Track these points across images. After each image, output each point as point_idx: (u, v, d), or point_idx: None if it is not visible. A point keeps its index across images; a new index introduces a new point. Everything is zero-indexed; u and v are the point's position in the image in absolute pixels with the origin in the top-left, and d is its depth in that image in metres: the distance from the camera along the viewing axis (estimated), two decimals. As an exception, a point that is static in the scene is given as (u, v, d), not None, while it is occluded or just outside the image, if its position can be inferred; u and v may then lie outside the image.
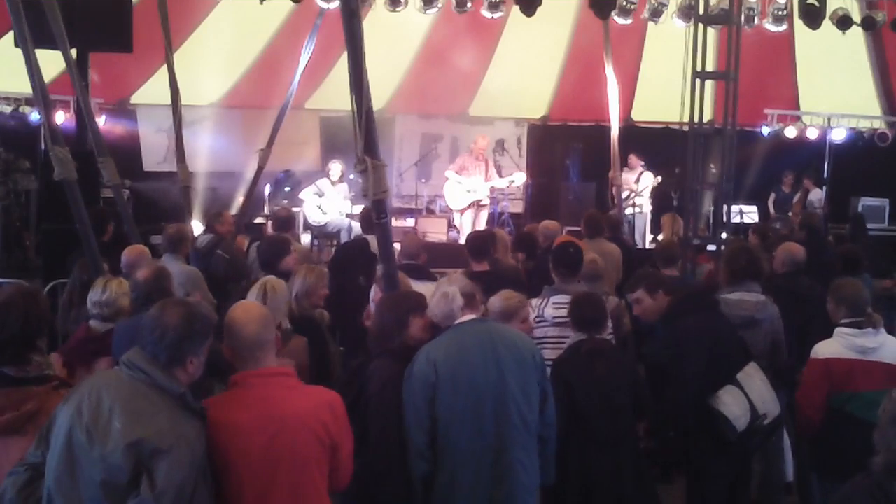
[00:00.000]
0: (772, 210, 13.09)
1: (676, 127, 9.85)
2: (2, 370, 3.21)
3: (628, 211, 11.20)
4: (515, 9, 9.82)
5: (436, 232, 11.45)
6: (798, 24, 10.56)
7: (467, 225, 10.75)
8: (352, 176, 10.46)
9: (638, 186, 11.42)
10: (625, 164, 11.37)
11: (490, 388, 3.56)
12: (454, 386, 3.53)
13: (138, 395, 2.62)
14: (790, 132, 12.86)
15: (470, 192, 10.82)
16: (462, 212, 10.97)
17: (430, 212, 12.28)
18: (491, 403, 3.56)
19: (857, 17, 10.37)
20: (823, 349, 4.36)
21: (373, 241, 6.18)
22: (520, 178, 11.43)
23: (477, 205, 10.93)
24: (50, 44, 5.88)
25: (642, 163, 11.83)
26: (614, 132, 10.59)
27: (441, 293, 3.77)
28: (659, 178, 11.58)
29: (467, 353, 3.60)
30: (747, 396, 4.26)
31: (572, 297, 4.62)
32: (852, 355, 4.26)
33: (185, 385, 2.71)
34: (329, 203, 10.59)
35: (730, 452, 4.33)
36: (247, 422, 2.80)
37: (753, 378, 4.34)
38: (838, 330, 4.36)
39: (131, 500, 2.51)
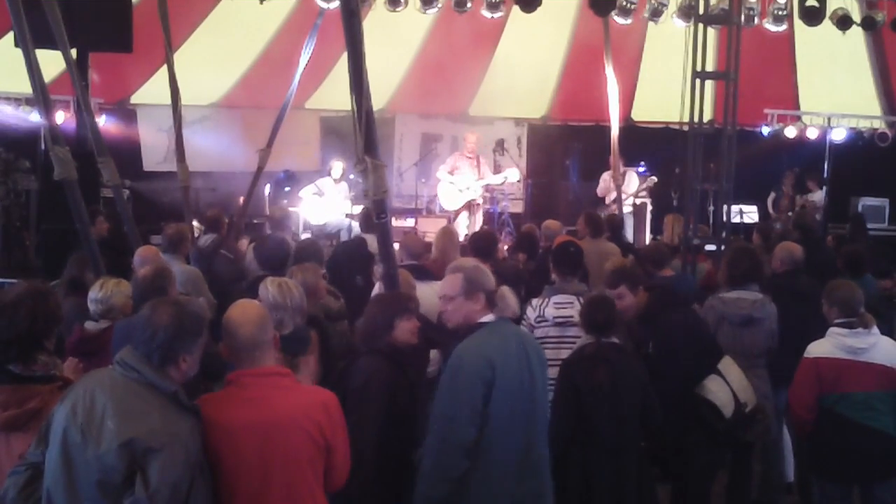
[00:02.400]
0: (771, 210, 13.07)
1: (676, 127, 9.84)
2: (7, 367, 3.22)
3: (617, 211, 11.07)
4: (515, 9, 9.82)
5: (436, 232, 11.38)
6: (798, 24, 10.55)
7: (463, 225, 10.71)
8: (352, 176, 10.46)
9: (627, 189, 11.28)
10: (607, 167, 11.18)
11: (525, 388, 3.56)
12: (505, 385, 3.50)
13: (131, 395, 2.62)
14: (790, 132, 12.84)
15: (463, 192, 10.78)
16: (458, 212, 10.94)
17: (430, 212, 12.25)
18: (523, 403, 3.56)
19: (857, 17, 10.35)
20: (815, 349, 4.39)
21: (370, 240, 6.18)
22: (513, 174, 11.17)
23: (472, 204, 10.89)
24: (50, 44, 5.88)
25: (642, 166, 11.78)
26: (614, 132, 10.57)
27: (505, 289, 3.74)
28: (642, 182, 11.49)
29: (511, 354, 3.58)
30: (729, 385, 4.37)
31: (585, 299, 4.61)
32: (843, 355, 4.28)
33: (178, 383, 2.70)
34: (329, 203, 10.58)
35: (719, 442, 4.41)
36: (240, 421, 2.80)
37: (731, 368, 4.47)
38: (831, 330, 4.39)
39: (127, 500, 2.52)
